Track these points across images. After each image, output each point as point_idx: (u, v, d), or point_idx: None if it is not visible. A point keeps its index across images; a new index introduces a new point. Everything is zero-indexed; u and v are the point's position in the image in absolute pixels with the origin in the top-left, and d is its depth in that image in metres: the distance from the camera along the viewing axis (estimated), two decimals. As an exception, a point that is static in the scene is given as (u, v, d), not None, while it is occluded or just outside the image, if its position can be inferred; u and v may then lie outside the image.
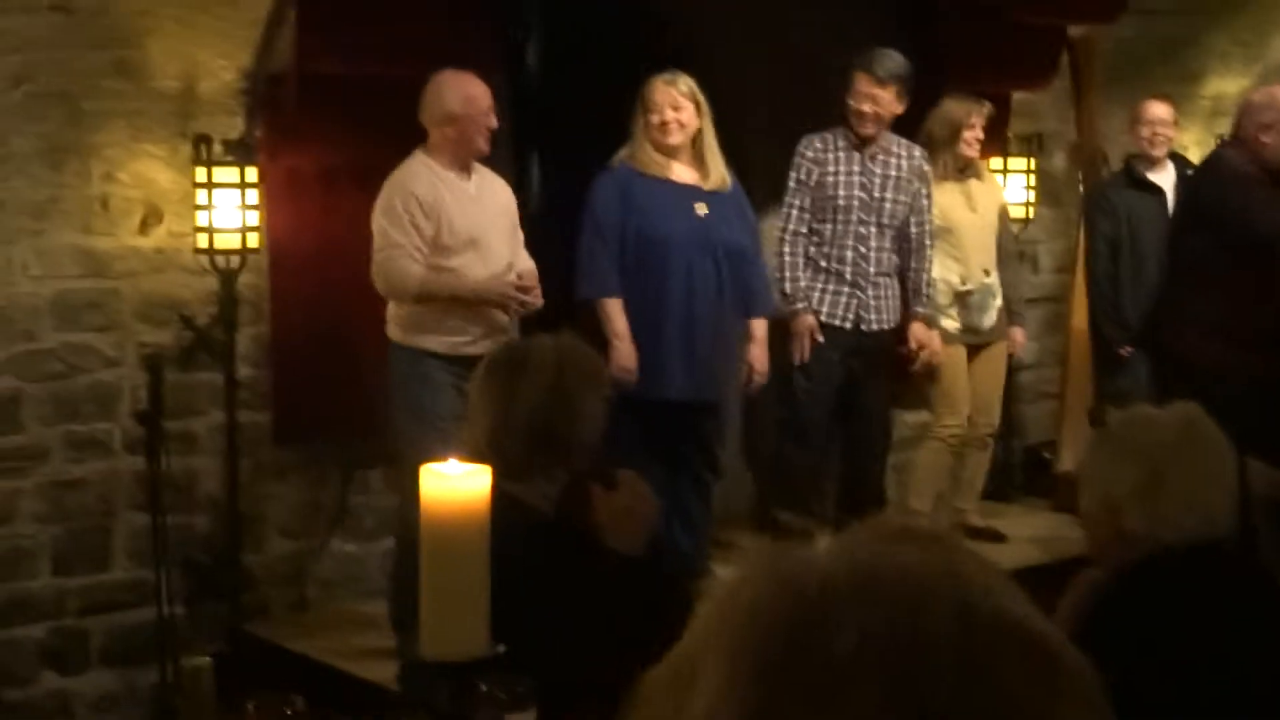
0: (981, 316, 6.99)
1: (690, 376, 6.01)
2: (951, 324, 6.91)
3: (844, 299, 6.48)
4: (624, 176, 5.96)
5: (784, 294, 6.44)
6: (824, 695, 0.89)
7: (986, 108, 6.92)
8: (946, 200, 6.88)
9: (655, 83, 5.96)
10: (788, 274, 6.46)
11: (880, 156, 6.52)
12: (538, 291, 5.62)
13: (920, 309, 6.67)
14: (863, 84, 6.42)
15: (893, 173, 6.53)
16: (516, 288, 5.56)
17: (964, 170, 6.95)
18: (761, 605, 0.93)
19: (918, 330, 6.67)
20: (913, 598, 0.93)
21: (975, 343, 7.03)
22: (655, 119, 5.94)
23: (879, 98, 6.41)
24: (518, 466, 3.24)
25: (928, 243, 6.67)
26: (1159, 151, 7.37)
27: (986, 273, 6.99)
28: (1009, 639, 0.93)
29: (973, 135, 6.88)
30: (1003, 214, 7.24)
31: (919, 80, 6.60)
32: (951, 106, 6.87)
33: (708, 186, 6.03)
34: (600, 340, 5.63)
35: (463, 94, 5.51)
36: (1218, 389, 5.38)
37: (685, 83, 5.96)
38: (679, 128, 5.95)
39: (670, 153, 5.98)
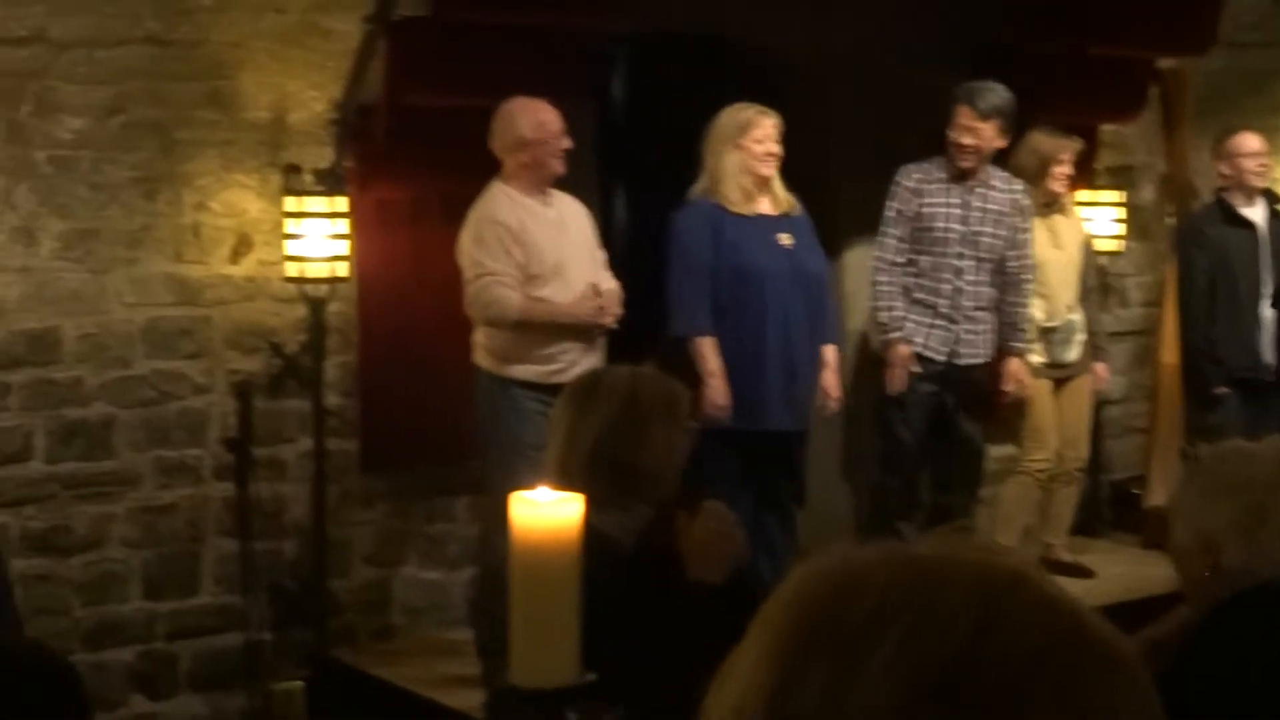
0: (1065, 351, 6.94)
1: (788, 407, 6.02)
2: (1036, 358, 6.85)
3: (939, 332, 6.44)
4: (709, 210, 5.94)
5: (880, 324, 6.41)
6: (844, 649, 0.91)
7: (1077, 143, 6.86)
8: (1033, 236, 6.83)
9: (755, 115, 5.94)
10: (884, 303, 6.41)
11: (979, 189, 6.47)
12: (617, 310, 5.63)
13: (1016, 344, 6.62)
14: (964, 117, 6.38)
15: (992, 206, 6.48)
16: (599, 306, 5.60)
17: (1049, 205, 6.89)
18: (801, 586, 0.96)
19: (1014, 366, 6.61)
20: (940, 569, 0.94)
21: (1059, 377, 6.97)
22: (759, 149, 5.93)
23: (980, 131, 6.37)
24: (585, 494, 3.25)
25: (1026, 278, 6.60)
26: (1258, 184, 7.28)
27: (1070, 309, 6.94)
28: (1034, 610, 0.93)
29: (1062, 171, 6.81)
30: (1086, 248, 7.18)
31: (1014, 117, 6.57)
32: (1041, 140, 6.80)
33: (778, 213, 6.03)
34: (687, 373, 5.63)
35: (534, 119, 5.54)
36: None
37: (776, 115, 5.97)
38: (775, 160, 5.96)
39: (761, 185, 5.98)
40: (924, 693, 0.88)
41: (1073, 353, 6.96)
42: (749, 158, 5.92)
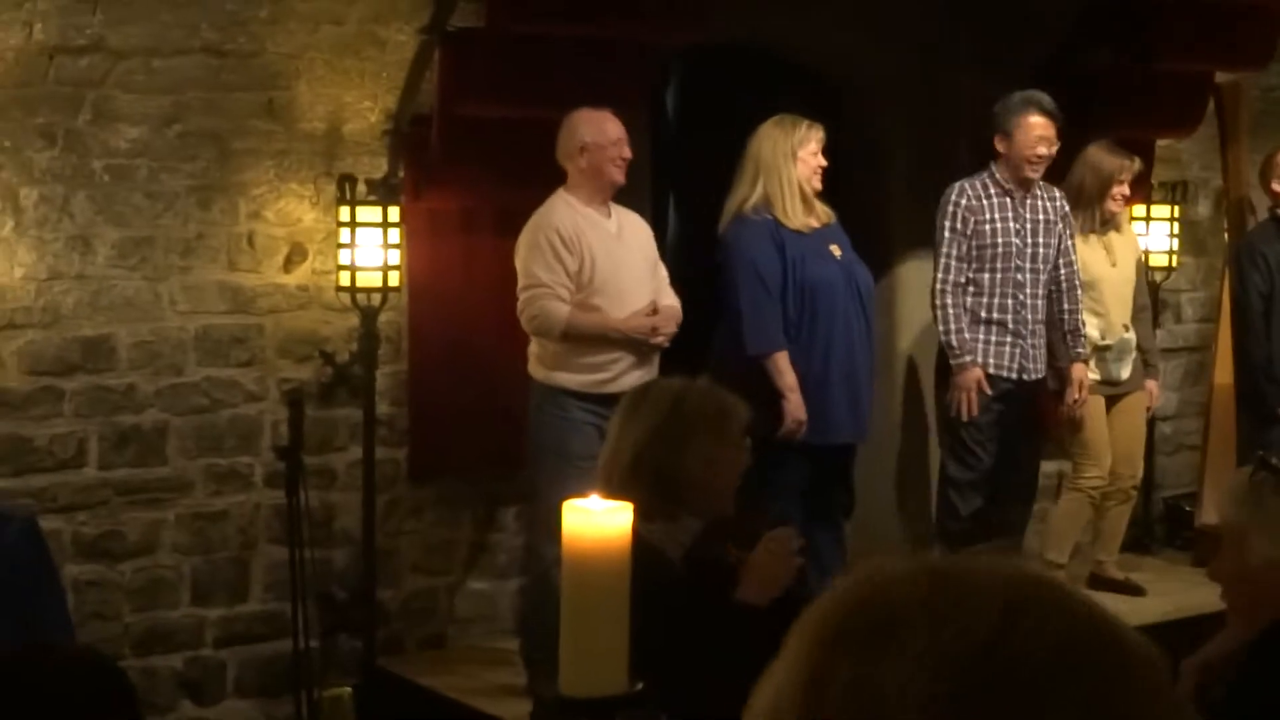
0: (1119, 368, 6.89)
1: (854, 418, 6.03)
2: (1091, 376, 6.80)
3: (1008, 349, 6.39)
4: (770, 225, 5.94)
5: (950, 346, 6.35)
6: (871, 647, 0.93)
7: (1136, 163, 6.81)
8: (1088, 254, 6.79)
9: (808, 129, 5.93)
10: (951, 325, 6.32)
11: (1030, 200, 6.44)
12: (671, 329, 5.64)
13: (1080, 350, 6.59)
14: (1042, 128, 6.33)
15: (1041, 216, 6.45)
16: (654, 322, 5.60)
17: (1106, 223, 6.84)
18: (834, 593, 0.98)
19: (1079, 373, 6.58)
20: (966, 573, 0.96)
21: (1113, 394, 6.92)
22: (814, 163, 5.93)
23: (1053, 138, 6.34)
24: (629, 503, 3.26)
25: (1077, 283, 6.58)
26: None
27: (1126, 327, 6.89)
28: (1056, 610, 0.95)
29: (1120, 191, 6.77)
30: (1139, 265, 7.13)
31: (1069, 130, 6.54)
32: (1103, 159, 6.75)
33: (820, 224, 6.03)
34: (747, 388, 5.63)
35: (595, 126, 5.58)
36: None
37: (821, 127, 5.97)
38: (822, 172, 5.97)
39: (812, 198, 5.98)
40: (949, 689, 0.90)
41: (1126, 370, 6.91)
42: (805, 171, 5.93)
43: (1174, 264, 7.84)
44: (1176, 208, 7.86)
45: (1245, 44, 7.21)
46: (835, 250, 6.04)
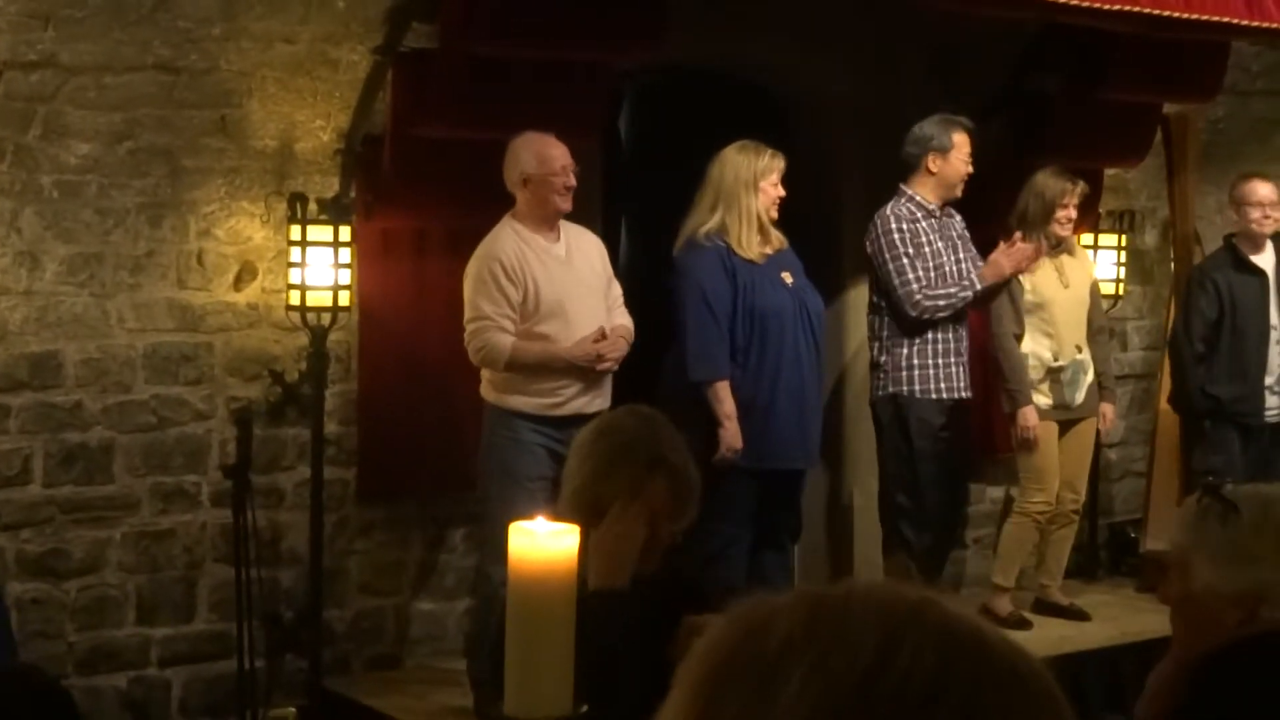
0: (1073, 392, 6.93)
1: (802, 444, 6.06)
2: (1043, 400, 6.84)
3: (954, 370, 6.47)
4: (723, 252, 5.96)
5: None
6: (757, 681, 0.94)
7: (1081, 186, 6.87)
8: (1039, 276, 6.84)
9: (770, 159, 5.96)
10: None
11: (945, 219, 6.54)
12: (618, 352, 5.64)
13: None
14: (968, 145, 6.45)
15: (955, 234, 6.56)
16: (600, 347, 5.60)
17: (1056, 246, 6.90)
18: (718, 630, 0.99)
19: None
20: (847, 602, 0.97)
21: (1065, 419, 6.96)
22: (775, 193, 5.97)
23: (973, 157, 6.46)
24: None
25: None
26: (1268, 231, 7.28)
27: (1079, 349, 6.93)
28: (936, 632, 0.95)
29: (1066, 214, 6.82)
30: (1093, 289, 7.19)
31: (1013, 157, 6.60)
32: (1047, 183, 6.81)
33: (774, 251, 6.05)
34: (693, 411, 5.66)
35: (537, 153, 5.56)
36: None
37: (782, 156, 6.00)
38: (778, 204, 6.00)
39: (768, 227, 6.01)
40: (833, 715, 0.91)
41: (1080, 394, 6.95)
42: (765, 201, 5.95)
43: (1121, 292, 7.91)
44: (1124, 236, 7.93)
45: (1193, 76, 7.28)
46: (787, 277, 6.06)
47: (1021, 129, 7.14)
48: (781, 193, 6.00)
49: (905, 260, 6.39)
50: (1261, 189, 7.29)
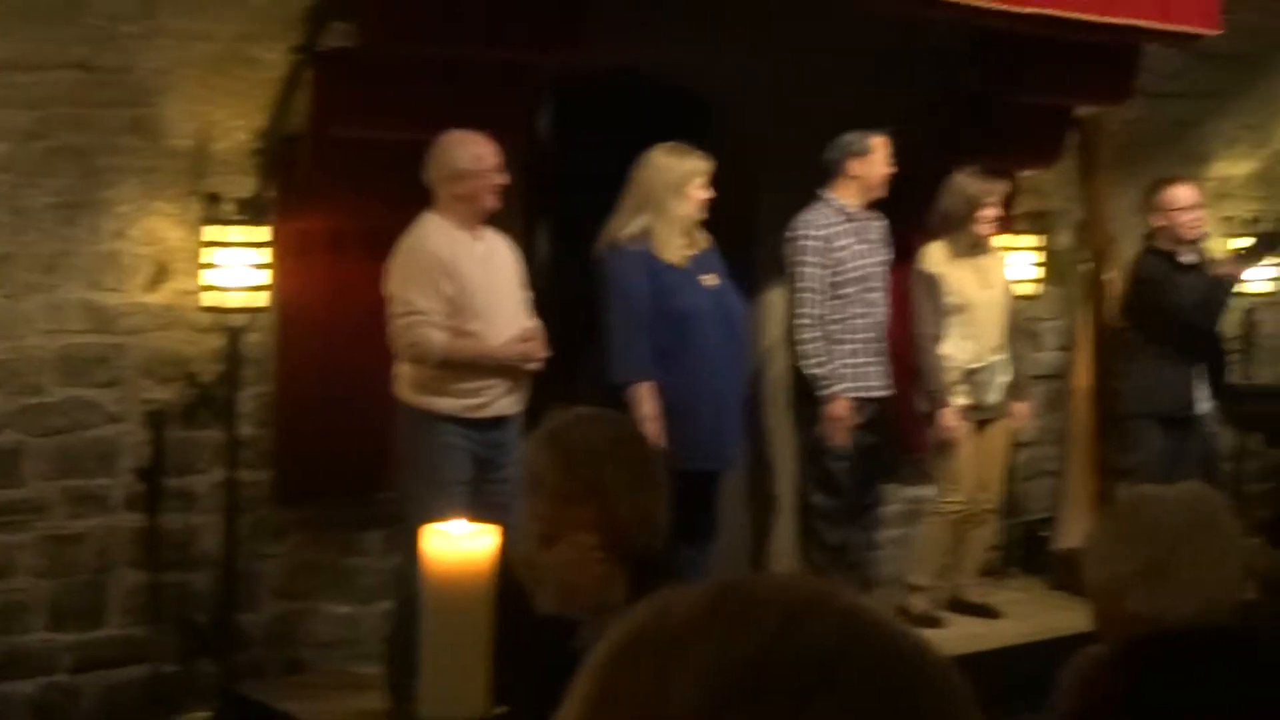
0: (988, 393, 7.00)
1: (720, 446, 6.07)
2: (960, 400, 6.90)
3: (871, 369, 6.51)
4: (645, 255, 5.97)
5: (817, 379, 6.41)
6: (656, 658, 0.94)
7: (1002, 185, 6.94)
8: (960, 277, 6.90)
9: (697, 162, 5.98)
10: (817, 358, 6.42)
11: (865, 222, 6.59)
12: (544, 353, 5.65)
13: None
14: (887, 147, 6.50)
15: (875, 237, 6.61)
16: (529, 348, 5.60)
17: (976, 246, 6.95)
18: (622, 621, 0.99)
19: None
20: (751, 587, 0.98)
21: (980, 419, 7.03)
22: (701, 196, 5.98)
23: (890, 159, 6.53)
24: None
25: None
26: (1194, 235, 7.38)
27: (994, 350, 7.00)
28: (835, 616, 0.96)
29: (987, 214, 6.88)
30: (1010, 289, 7.26)
31: (934, 159, 6.66)
32: (967, 183, 6.87)
33: (698, 250, 6.07)
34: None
35: (471, 151, 5.54)
36: None
37: (709, 159, 6.02)
38: (704, 206, 6.02)
39: (693, 230, 6.03)
40: (727, 692, 0.91)
41: (994, 395, 7.02)
42: (691, 205, 5.97)
43: (1036, 293, 7.99)
44: (1039, 238, 8.02)
45: (1106, 79, 7.38)
46: (708, 279, 6.08)
47: (938, 132, 7.20)
48: (707, 195, 6.01)
49: (809, 268, 6.44)
50: (1185, 194, 7.37)
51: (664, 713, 0.91)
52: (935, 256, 6.88)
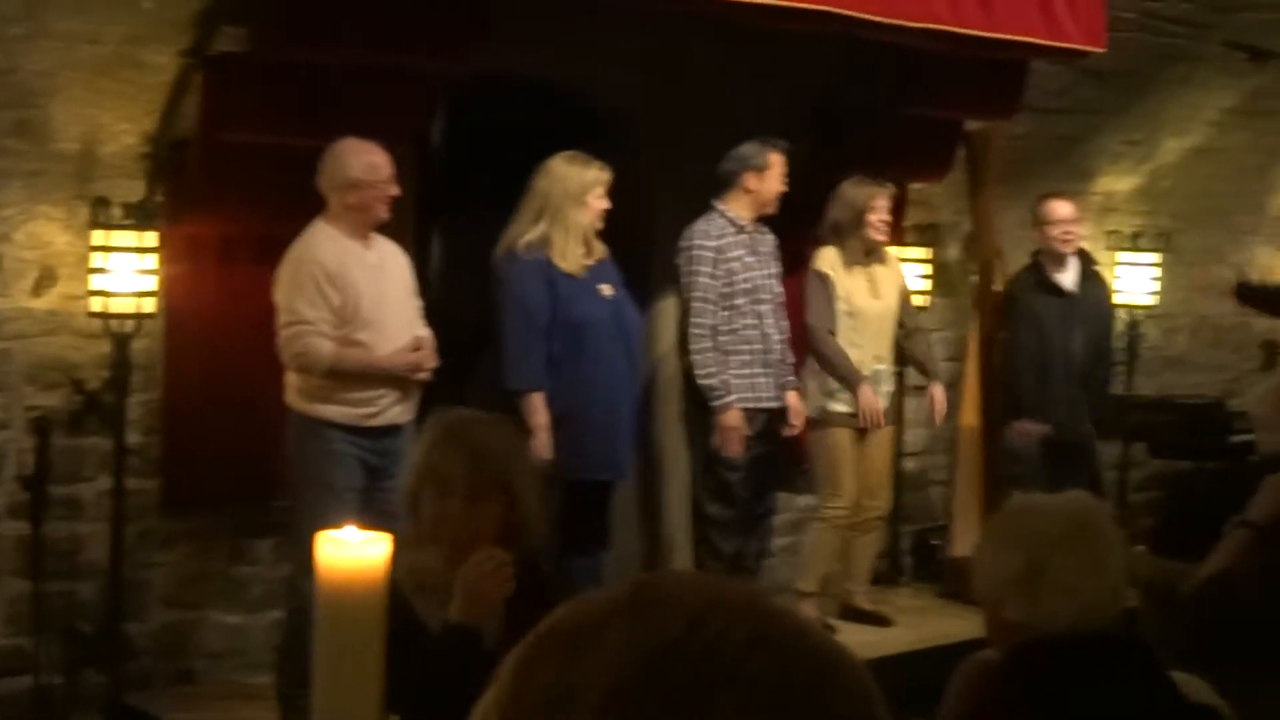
0: None
1: (613, 456, 6.08)
2: (842, 407, 6.96)
3: (762, 381, 6.53)
4: (542, 264, 5.97)
5: (711, 390, 6.43)
6: (571, 648, 0.95)
7: (889, 189, 7.01)
8: (851, 285, 6.97)
9: (598, 172, 5.99)
10: (711, 369, 6.43)
11: (758, 235, 6.62)
12: (434, 362, 5.63)
13: (792, 378, 6.74)
14: (783, 165, 6.53)
15: (766, 249, 6.64)
16: (419, 356, 5.58)
17: (870, 254, 7.03)
18: (545, 620, 1.00)
19: (793, 399, 6.73)
20: (669, 582, 1.00)
21: (864, 426, 7.10)
22: (600, 206, 5.99)
23: (786, 175, 6.56)
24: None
25: (784, 315, 6.75)
26: (1070, 249, 7.49)
27: (879, 359, 7.07)
28: (748, 611, 0.97)
29: (877, 218, 6.95)
30: (904, 295, 7.34)
31: (824, 172, 6.71)
32: (852, 191, 6.95)
33: (596, 260, 6.08)
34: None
35: (365, 161, 5.52)
36: None
37: (608, 168, 6.03)
38: (602, 216, 6.03)
39: (591, 239, 6.04)
40: (634, 685, 0.92)
41: (881, 403, 7.08)
42: (590, 215, 5.98)
43: (925, 304, 8.09)
44: (928, 250, 8.12)
45: (994, 94, 7.48)
46: (605, 289, 6.09)
47: (828, 144, 7.26)
48: (606, 204, 6.03)
49: (702, 279, 6.45)
50: (1061, 208, 7.51)
51: (572, 706, 0.92)
52: (829, 259, 6.95)
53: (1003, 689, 2.84)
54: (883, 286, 7.09)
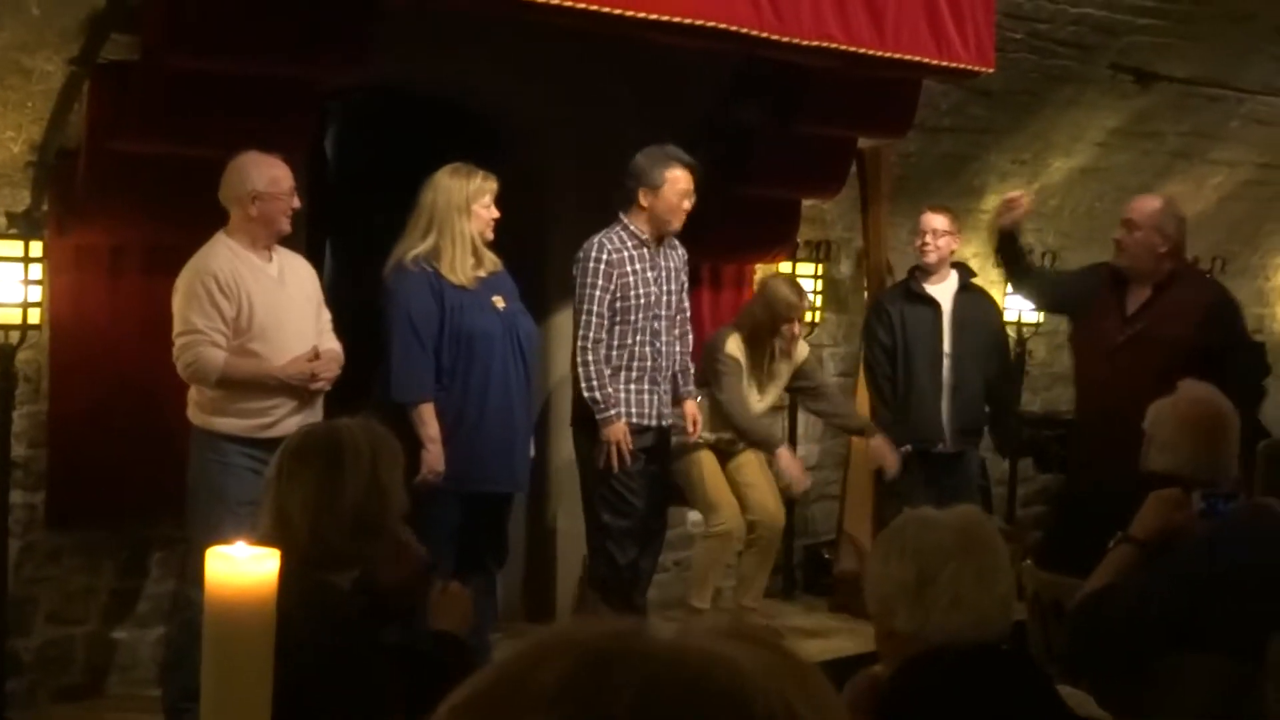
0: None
1: (508, 468, 6.06)
2: (707, 434, 7.04)
3: (647, 397, 6.52)
4: (431, 275, 5.95)
5: (595, 402, 6.42)
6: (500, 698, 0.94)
7: (808, 301, 7.32)
8: (750, 368, 7.09)
9: (483, 181, 5.96)
10: (595, 382, 6.41)
11: (662, 249, 6.61)
12: (331, 373, 5.60)
13: (690, 387, 6.78)
14: (684, 180, 6.41)
15: (671, 264, 6.63)
16: (314, 368, 5.54)
17: (774, 359, 7.15)
18: (478, 679, 0.97)
19: (691, 407, 6.77)
20: (603, 652, 0.96)
21: (723, 448, 7.18)
22: (487, 215, 5.97)
23: (692, 191, 6.47)
24: (344, 556, 3.27)
25: (689, 329, 6.79)
26: (931, 259, 7.51)
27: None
28: (691, 686, 0.94)
29: (791, 329, 7.15)
30: (807, 367, 7.45)
31: (721, 187, 6.74)
32: (778, 295, 7.13)
33: (487, 273, 6.06)
34: (401, 432, 5.60)
35: (267, 174, 5.49)
36: None
37: (495, 178, 6.02)
38: (492, 226, 6.01)
39: (481, 250, 6.01)
40: None
41: (800, 463, 7.23)
42: (478, 225, 5.96)
43: (817, 320, 8.16)
44: (820, 265, 8.19)
45: (886, 112, 7.56)
46: (498, 301, 6.08)
47: (723, 160, 7.30)
48: (495, 214, 6.01)
49: (592, 291, 6.42)
50: (933, 220, 7.52)
51: None
52: (738, 347, 7.09)
53: (892, 702, 2.87)
54: (782, 369, 7.25)
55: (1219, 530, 3.69)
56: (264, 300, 5.50)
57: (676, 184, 6.40)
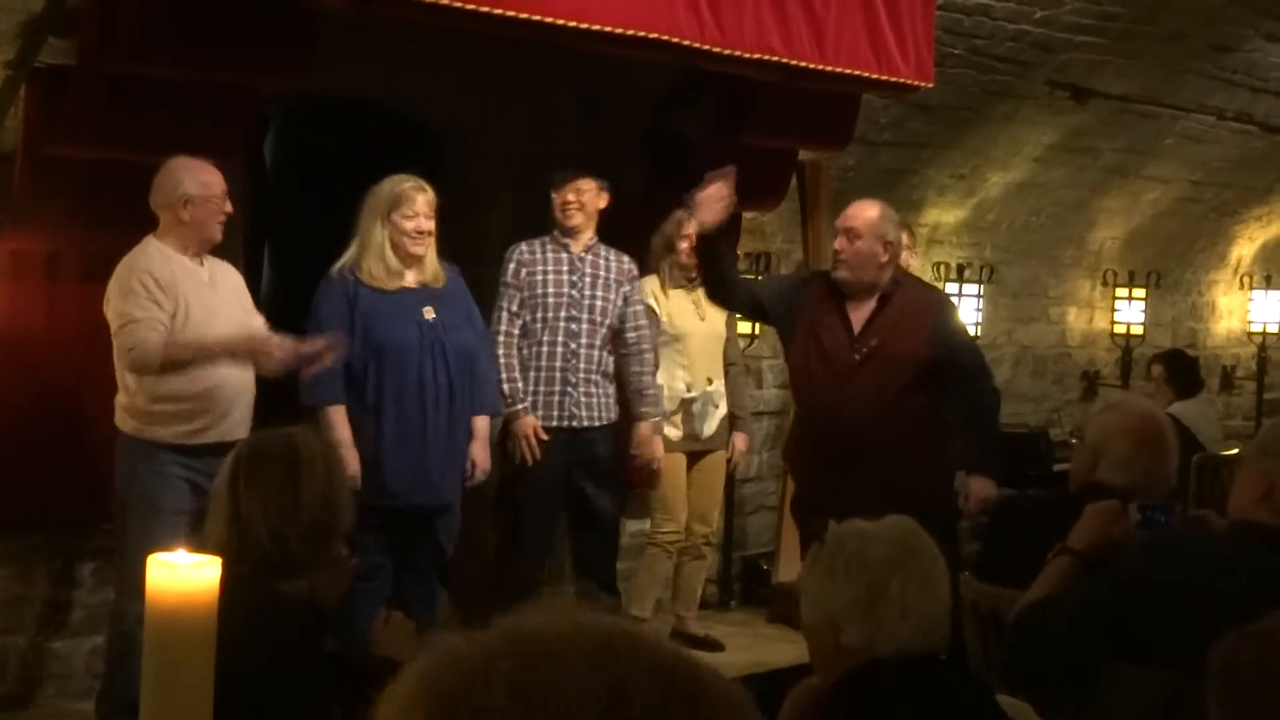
0: (703, 424, 7.13)
1: (420, 481, 5.98)
2: (674, 431, 7.02)
3: (556, 398, 6.53)
4: (349, 284, 5.92)
5: (503, 394, 6.45)
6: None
7: (685, 215, 7.08)
8: (676, 308, 7.05)
9: (409, 190, 5.93)
10: (504, 375, 6.47)
11: (590, 258, 6.62)
12: (278, 352, 5.50)
13: (646, 409, 6.76)
14: (572, 194, 6.56)
15: (602, 274, 6.64)
16: (260, 339, 5.49)
17: (694, 280, 7.08)
18: (428, 680, 0.97)
19: (643, 430, 6.76)
20: (563, 651, 0.96)
21: (695, 449, 7.15)
22: (409, 225, 5.93)
23: (582, 190, 6.54)
24: (302, 562, 3.25)
25: (645, 347, 6.78)
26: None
27: (710, 381, 7.15)
28: (654, 678, 0.96)
29: (689, 244, 7.00)
30: (730, 325, 7.41)
31: (663, 198, 6.75)
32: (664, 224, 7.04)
33: (428, 283, 6.03)
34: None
35: (198, 179, 5.45)
36: None
37: (430, 190, 5.98)
38: (426, 237, 5.96)
39: (409, 261, 5.97)
40: None
41: (711, 426, 7.15)
42: (398, 234, 5.92)
43: (757, 331, 8.17)
44: (760, 277, 8.19)
45: (827, 125, 7.58)
46: (428, 312, 6.01)
47: (661, 170, 7.31)
48: (423, 225, 5.94)
49: (503, 289, 6.54)
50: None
51: None
52: (649, 288, 7.02)
53: (834, 713, 2.88)
54: (709, 310, 7.11)
55: (1158, 541, 3.72)
56: (198, 301, 5.45)
57: (563, 194, 6.55)
